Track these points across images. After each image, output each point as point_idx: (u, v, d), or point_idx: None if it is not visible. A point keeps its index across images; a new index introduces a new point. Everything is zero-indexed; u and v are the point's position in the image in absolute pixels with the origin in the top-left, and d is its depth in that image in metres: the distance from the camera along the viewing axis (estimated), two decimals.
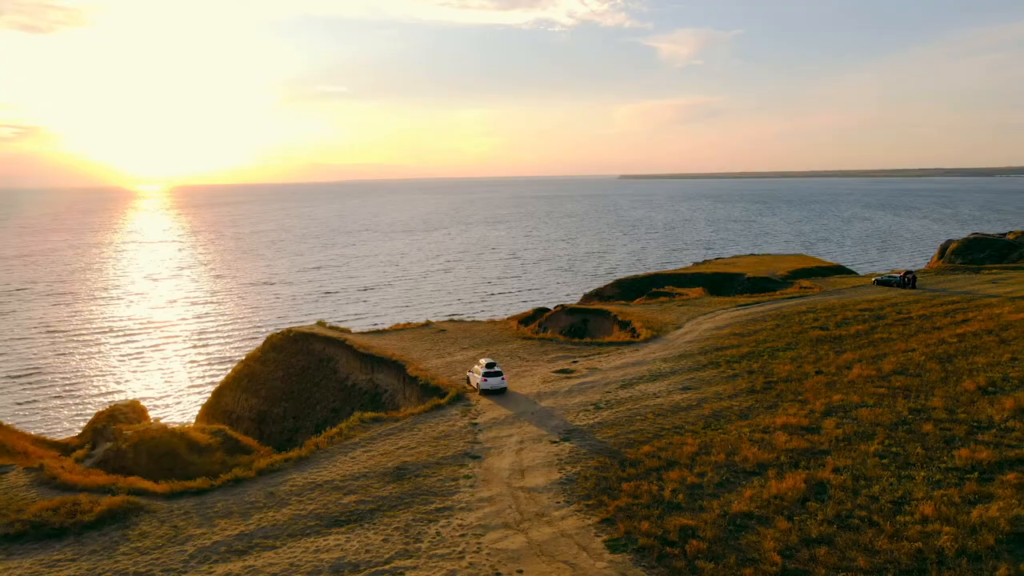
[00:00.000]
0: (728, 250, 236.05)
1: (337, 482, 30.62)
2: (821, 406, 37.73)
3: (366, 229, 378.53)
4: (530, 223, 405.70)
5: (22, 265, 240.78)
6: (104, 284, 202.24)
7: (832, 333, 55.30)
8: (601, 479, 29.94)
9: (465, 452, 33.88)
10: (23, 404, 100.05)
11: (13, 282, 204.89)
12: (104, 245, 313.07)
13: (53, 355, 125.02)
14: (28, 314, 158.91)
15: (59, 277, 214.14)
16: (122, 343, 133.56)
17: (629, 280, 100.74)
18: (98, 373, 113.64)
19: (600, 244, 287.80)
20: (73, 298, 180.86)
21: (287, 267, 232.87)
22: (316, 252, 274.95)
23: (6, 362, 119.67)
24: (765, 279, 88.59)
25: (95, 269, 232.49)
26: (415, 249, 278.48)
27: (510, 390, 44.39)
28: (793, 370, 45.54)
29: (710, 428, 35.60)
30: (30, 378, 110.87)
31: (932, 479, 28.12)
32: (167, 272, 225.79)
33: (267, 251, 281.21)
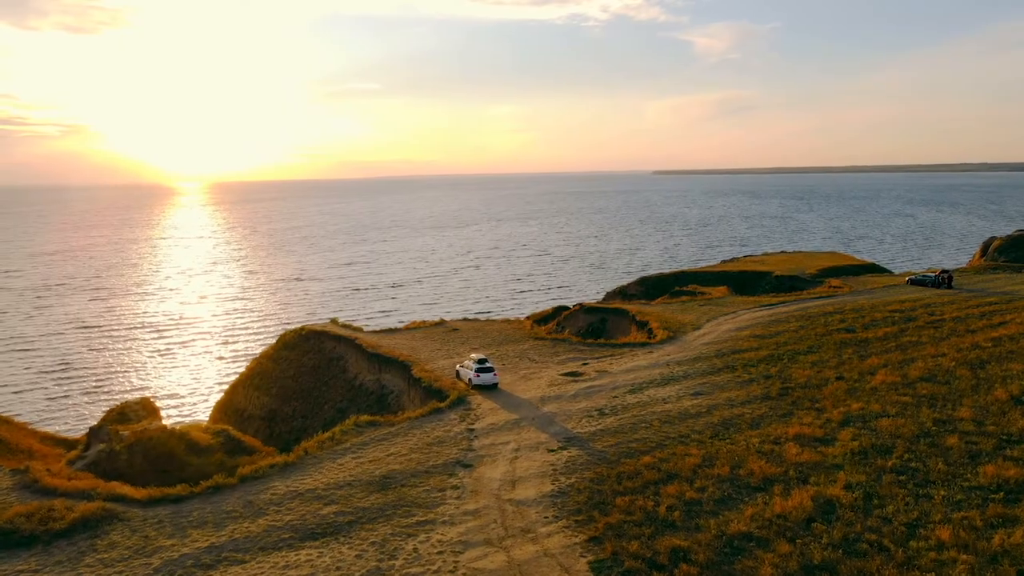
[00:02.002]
0: (763, 247, 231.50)
1: (320, 491, 29.42)
2: (838, 415, 35.53)
3: (397, 225, 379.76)
4: (561, 219, 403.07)
5: (61, 261, 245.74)
6: (139, 280, 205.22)
7: (858, 336, 52.70)
8: (595, 492, 28.26)
9: (457, 460, 32.46)
10: (54, 399, 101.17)
11: (52, 278, 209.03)
12: (141, 241, 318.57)
13: (86, 350, 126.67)
14: (64, 309, 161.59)
15: (96, 273, 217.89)
16: (153, 339, 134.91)
17: (653, 278, 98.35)
18: (128, 369, 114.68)
19: (632, 241, 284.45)
20: (108, 294, 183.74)
21: (318, 263, 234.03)
22: (347, 248, 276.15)
23: (39, 357, 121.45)
24: (793, 278, 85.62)
25: (131, 265, 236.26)
26: (445, 245, 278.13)
27: (513, 393, 42.88)
28: (812, 375, 43.23)
29: (717, 438, 33.66)
30: (62, 373, 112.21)
31: (952, 499, 25.94)
32: (200, 268, 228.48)
33: (299, 247, 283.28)
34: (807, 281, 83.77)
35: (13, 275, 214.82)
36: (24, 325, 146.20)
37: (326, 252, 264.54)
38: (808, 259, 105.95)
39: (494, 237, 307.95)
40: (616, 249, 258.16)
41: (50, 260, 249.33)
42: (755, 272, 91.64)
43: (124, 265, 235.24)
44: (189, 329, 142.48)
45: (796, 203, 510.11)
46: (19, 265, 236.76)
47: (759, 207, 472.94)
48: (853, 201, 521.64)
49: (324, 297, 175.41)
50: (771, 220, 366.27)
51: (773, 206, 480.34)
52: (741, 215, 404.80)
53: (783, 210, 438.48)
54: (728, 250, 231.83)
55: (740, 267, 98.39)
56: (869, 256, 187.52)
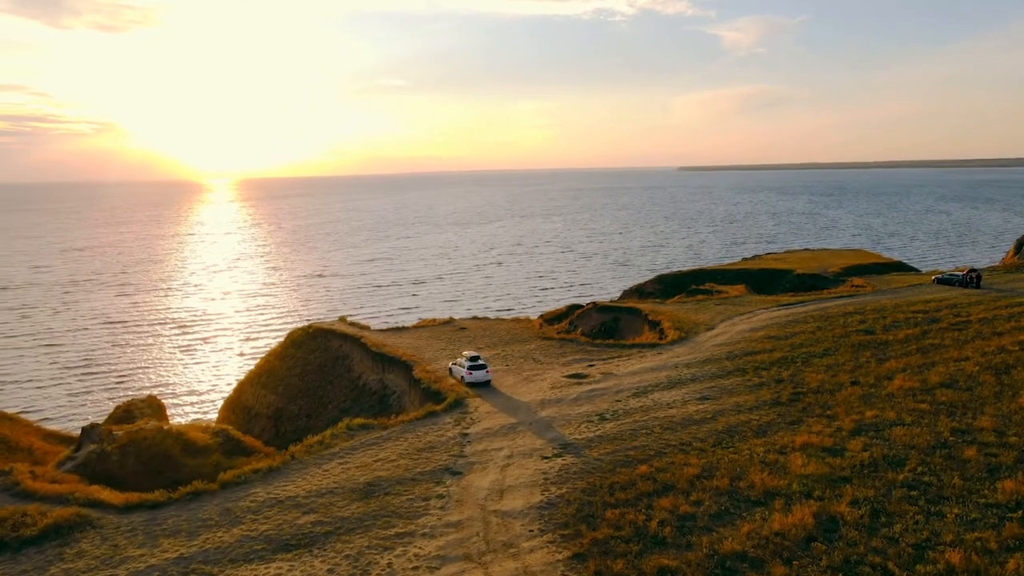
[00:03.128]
0: (790, 244, 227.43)
1: (300, 498, 28.41)
2: (850, 423, 33.71)
3: (421, 221, 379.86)
4: (585, 216, 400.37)
5: (90, 257, 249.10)
6: (164, 276, 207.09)
7: (877, 338, 50.54)
8: (585, 504, 26.89)
9: (446, 467, 31.26)
10: (76, 395, 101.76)
11: (80, 273, 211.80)
12: (168, 237, 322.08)
13: (109, 346, 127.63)
14: (90, 305, 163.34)
15: (123, 268, 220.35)
16: (176, 335, 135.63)
17: (671, 276, 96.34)
18: (149, 365, 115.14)
19: (656, 238, 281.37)
20: (134, 289, 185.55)
21: (341, 259, 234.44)
22: (371, 244, 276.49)
23: (64, 353, 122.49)
24: (815, 276, 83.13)
25: (157, 261, 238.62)
26: (468, 242, 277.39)
27: (513, 396, 41.60)
28: (826, 380, 41.34)
29: (720, 446, 32.06)
30: (85, 369, 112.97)
31: (966, 518, 24.17)
32: (224, 264, 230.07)
33: (322, 243, 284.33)
34: (829, 280, 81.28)
35: (43, 270, 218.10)
36: (51, 320, 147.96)
37: (349, 248, 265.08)
38: (831, 257, 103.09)
39: (517, 233, 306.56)
40: (640, 246, 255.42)
41: (79, 256, 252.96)
42: (775, 270, 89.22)
43: (150, 261, 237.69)
44: (211, 325, 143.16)
45: (825, 199, 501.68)
46: (49, 261, 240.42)
47: (787, 203, 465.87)
48: (884, 197, 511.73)
49: (345, 294, 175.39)
50: (799, 217, 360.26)
51: (801, 202, 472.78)
52: (768, 212, 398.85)
53: (811, 206, 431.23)
54: (754, 247, 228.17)
55: (760, 265, 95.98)
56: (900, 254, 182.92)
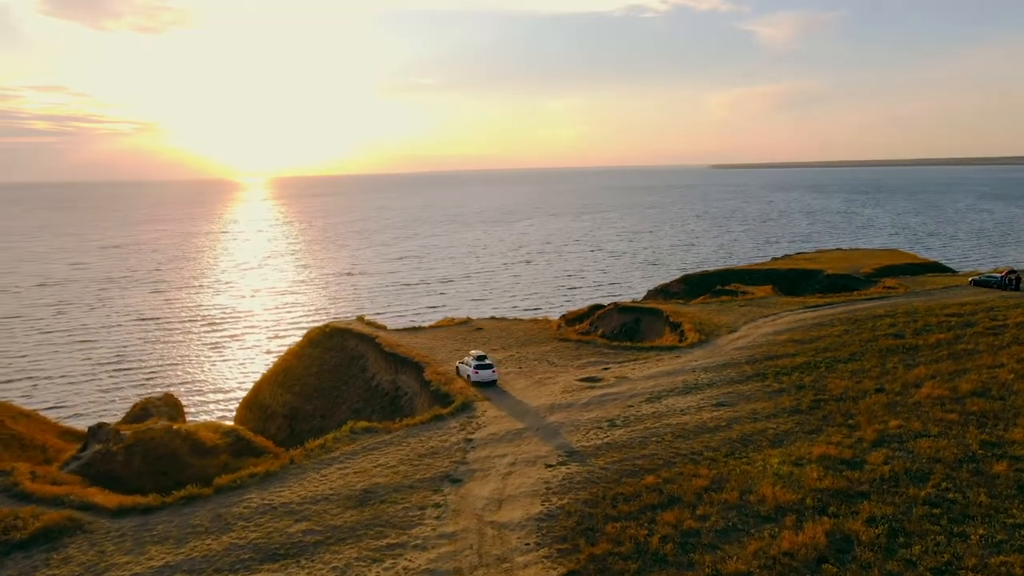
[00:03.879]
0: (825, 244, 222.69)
1: (294, 505, 27.69)
2: (872, 433, 32.04)
3: (451, 220, 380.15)
4: (616, 214, 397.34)
5: (126, 254, 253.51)
6: (196, 273, 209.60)
7: (907, 342, 48.45)
8: (585, 516, 25.76)
9: (446, 474, 30.32)
10: (106, 392, 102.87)
11: (116, 270, 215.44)
12: (202, 235, 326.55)
13: (141, 342, 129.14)
14: (124, 301, 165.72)
15: (157, 265, 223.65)
16: (206, 332, 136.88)
17: (697, 276, 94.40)
18: (178, 362, 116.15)
19: (687, 236, 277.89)
20: (167, 286, 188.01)
21: (370, 257, 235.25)
22: (400, 242, 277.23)
23: (96, 349, 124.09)
24: (845, 277, 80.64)
25: (190, 258, 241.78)
26: (497, 240, 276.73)
27: (523, 400, 40.55)
28: (850, 386, 39.58)
29: (733, 456, 30.66)
30: (117, 365, 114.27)
31: (992, 539, 22.55)
32: (255, 262, 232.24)
33: (352, 241, 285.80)
34: (860, 281, 78.76)
35: (81, 267, 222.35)
36: (86, 316, 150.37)
37: (379, 246, 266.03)
38: (864, 257, 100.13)
39: (547, 232, 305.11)
40: (670, 245, 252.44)
41: (116, 253, 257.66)
42: (805, 271, 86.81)
43: (184, 258, 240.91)
44: (240, 323, 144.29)
45: (861, 198, 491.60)
46: (87, 258, 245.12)
47: (822, 202, 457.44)
48: (924, 195, 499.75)
49: (373, 292, 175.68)
50: (834, 216, 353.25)
51: (837, 201, 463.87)
52: (802, 210, 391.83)
53: (847, 205, 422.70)
54: (787, 246, 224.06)
55: (789, 265, 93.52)
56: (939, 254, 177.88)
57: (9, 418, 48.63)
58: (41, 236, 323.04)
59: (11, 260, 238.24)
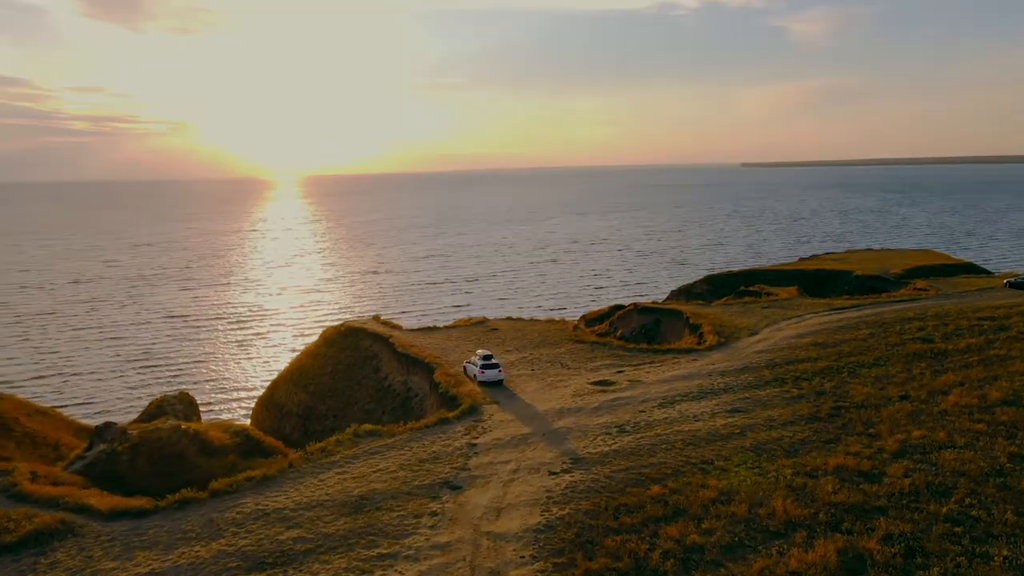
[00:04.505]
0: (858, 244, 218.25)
1: (288, 511, 27.02)
2: (894, 444, 30.52)
3: (479, 218, 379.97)
4: (644, 213, 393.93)
5: (158, 252, 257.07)
6: (225, 271, 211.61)
7: (935, 347, 46.52)
8: (585, 528, 24.72)
9: (446, 481, 29.45)
10: (133, 388, 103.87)
11: (147, 268, 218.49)
12: (232, 233, 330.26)
13: (169, 340, 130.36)
14: (154, 299, 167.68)
15: (187, 263, 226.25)
16: (232, 329, 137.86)
17: (721, 276, 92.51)
18: (204, 359, 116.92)
19: (716, 236, 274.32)
20: (196, 284, 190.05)
21: (397, 256, 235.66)
22: (427, 241, 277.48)
23: (125, 346, 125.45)
24: (875, 278, 78.27)
25: (219, 256, 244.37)
26: (524, 239, 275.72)
27: (532, 404, 39.57)
28: (873, 393, 37.96)
29: (744, 466, 29.38)
30: (144, 362, 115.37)
31: (1016, 561, 21.08)
32: (283, 260, 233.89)
33: (380, 239, 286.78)
34: (890, 282, 76.37)
35: (114, 265, 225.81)
36: (117, 313, 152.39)
37: (406, 245, 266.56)
38: (895, 257, 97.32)
39: (573, 230, 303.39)
40: (698, 244, 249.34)
41: (148, 251, 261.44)
42: (833, 271, 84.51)
43: (213, 256, 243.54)
44: (266, 321, 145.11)
45: (897, 197, 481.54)
46: (121, 255, 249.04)
47: (856, 201, 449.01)
48: (962, 194, 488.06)
49: (398, 290, 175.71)
50: (868, 215, 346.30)
51: (871, 200, 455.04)
52: (835, 209, 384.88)
53: (882, 204, 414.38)
54: (819, 246, 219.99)
55: (817, 265, 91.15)
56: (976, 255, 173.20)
57: (25, 415, 48.84)
58: (78, 234, 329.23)
59: (48, 257, 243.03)
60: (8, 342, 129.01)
